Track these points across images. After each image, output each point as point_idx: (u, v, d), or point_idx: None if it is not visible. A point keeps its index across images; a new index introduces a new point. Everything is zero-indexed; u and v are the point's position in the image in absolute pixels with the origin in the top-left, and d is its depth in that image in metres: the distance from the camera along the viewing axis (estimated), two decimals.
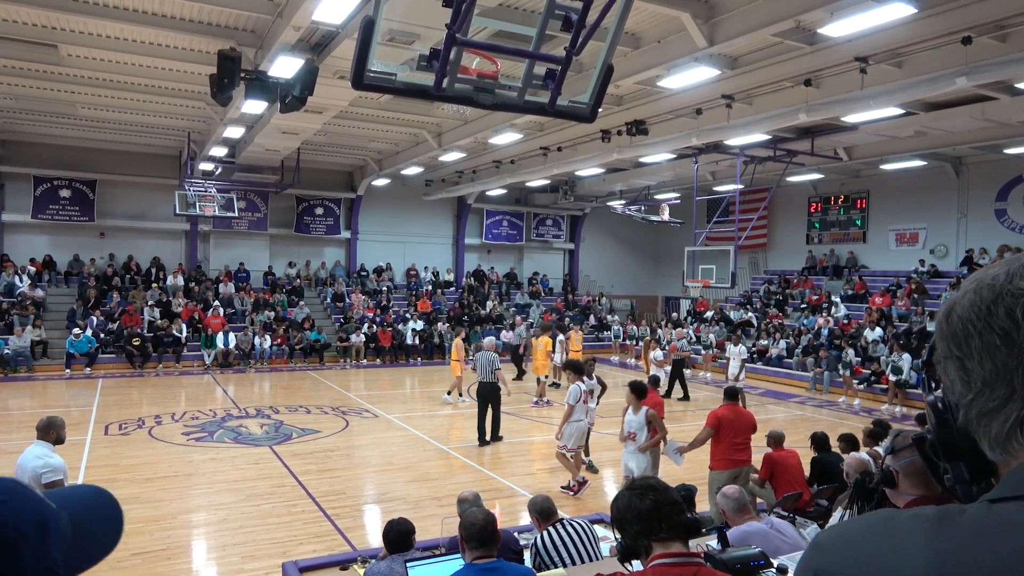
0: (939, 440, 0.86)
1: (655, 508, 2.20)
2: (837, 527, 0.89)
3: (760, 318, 23.13)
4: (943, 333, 0.83)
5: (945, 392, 0.85)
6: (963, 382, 0.81)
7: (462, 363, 15.20)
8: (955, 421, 0.83)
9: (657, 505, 2.20)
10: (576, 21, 3.40)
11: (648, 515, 2.20)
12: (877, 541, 0.77)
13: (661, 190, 25.02)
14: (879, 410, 15.60)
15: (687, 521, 2.24)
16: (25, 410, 14.52)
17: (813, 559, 0.82)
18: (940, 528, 0.73)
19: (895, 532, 0.77)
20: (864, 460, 5.51)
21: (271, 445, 11.26)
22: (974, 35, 9.47)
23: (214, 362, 20.16)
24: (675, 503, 2.25)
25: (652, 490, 2.25)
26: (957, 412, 0.83)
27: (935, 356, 0.86)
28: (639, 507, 2.21)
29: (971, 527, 0.72)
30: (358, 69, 3.46)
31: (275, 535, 7.36)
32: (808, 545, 0.86)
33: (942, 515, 0.75)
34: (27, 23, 11.73)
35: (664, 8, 9.88)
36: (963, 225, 20.67)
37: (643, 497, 2.23)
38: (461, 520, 3.53)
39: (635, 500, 2.23)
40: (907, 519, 0.78)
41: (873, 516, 0.82)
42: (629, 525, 2.24)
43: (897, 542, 0.75)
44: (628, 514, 2.24)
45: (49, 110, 17.86)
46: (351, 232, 26.61)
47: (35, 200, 21.78)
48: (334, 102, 13.78)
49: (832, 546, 0.82)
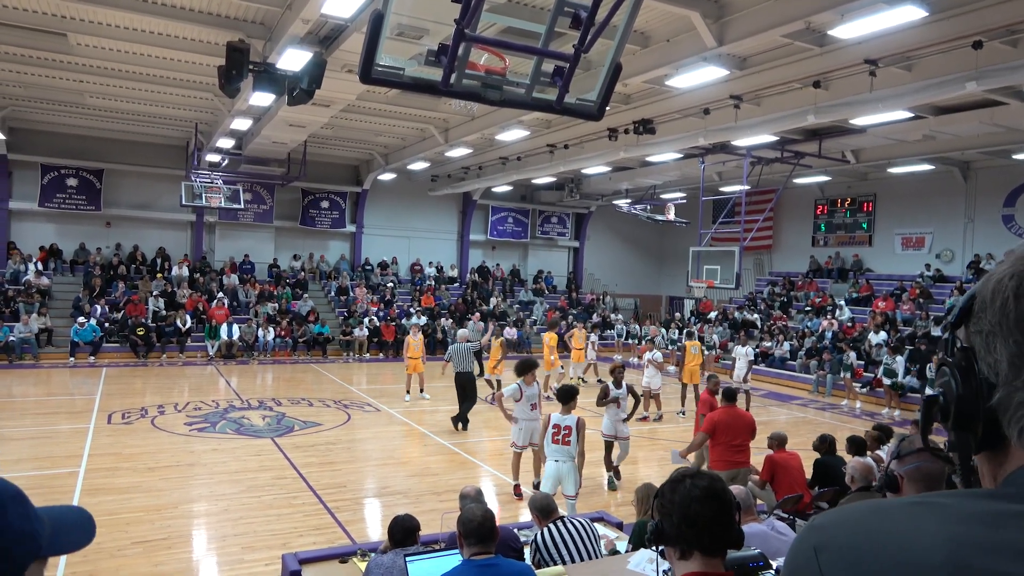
0: (958, 408, 0.82)
1: (714, 520, 1.97)
2: (833, 510, 0.87)
3: (764, 320, 23.10)
4: (1006, 309, 0.77)
5: (981, 366, 0.80)
6: (1012, 366, 0.76)
7: (423, 359, 14.93)
8: (986, 399, 0.79)
9: (717, 517, 1.97)
10: (585, 19, 3.39)
11: (706, 524, 1.96)
12: (876, 519, 0.76)
13: (667, 189, 24.98)
14: (880, 414, 15.57)
15: (736, 537, 2.01)
16: (29, 398, 14.59)
17: (811, 537, 0.80)
18: (954, 512, 0.72)
19: (895, 513, 0.76)
20: (869, 465, 5.50)
21: (273, 437, 11.29)
22: (985, 39, 9.42)
23: (217, 353, 20.21)
24: (733, 516, 2.01)
25: (718, 499, 1.99)
26: (992, 391, 0.78)
27: (977, 325, 0.81)
28: (699, 512, 1.96)
29: (988, 512, 0.71)
30: (366, 63, 3.46)
31: (275, 527, 7.38)
32: (804, 527, 0.84)
33: (954, 501, 0.74)
34: (37, 11, 11.75)
35: (674, 7, 9.85)
36: (970, 230, 20.59)
37: (706, 503, 1.98)
38: (459, 516, 3.53)
39: (696, 505, 1.97)
40: (908, 502, 0.77)
41: (867, 501, 0.81)
42: (678, 523, 1.99)
43: (900, 521, 0.74)
44: (683, 512, 1.99)
45: (57, 99, 17.90)
46: (356, 226, 26.63)
47: (42, 188, 21.84)
48: (342, 96, 13.79)
49: (830, 524, 0.80)
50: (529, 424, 8.72)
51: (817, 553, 0.78)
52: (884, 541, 0.73)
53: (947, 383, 0.84)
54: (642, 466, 10.52)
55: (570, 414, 7.34)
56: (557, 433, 7.27)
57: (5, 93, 17.69)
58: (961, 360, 0.83)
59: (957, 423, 0.82)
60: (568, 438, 7.24)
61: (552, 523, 4.70)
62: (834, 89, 12.03)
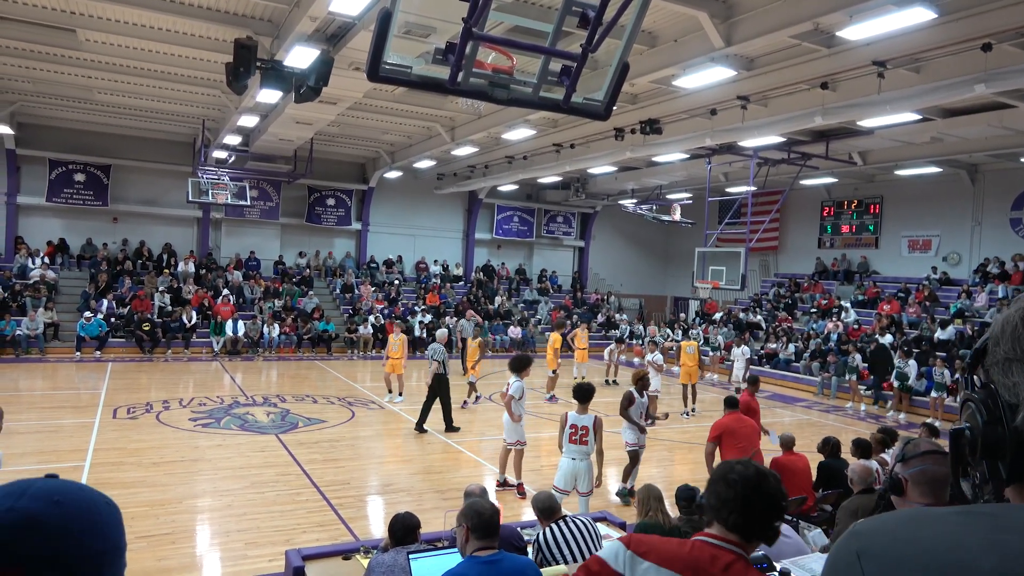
0: (985, 437, 0.85)
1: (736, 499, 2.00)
2: (875, 517, 0.88)
3: (769, 321, 23.05)
4: (1016, 334, 0.82)
5: (1002, 391, 0.85)
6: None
7: (403, 360, 14.72)
8: (1010, 421, 0.82)
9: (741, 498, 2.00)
10: (593, 18, 3.39)
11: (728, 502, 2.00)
12: (919, 527, 0.77)
13: (673, 190, 24.94)
14: (885, 417, 15.52)
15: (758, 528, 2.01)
16: (36, 391, 14.65)
17: (853, 543, 0.81)
18: (997, 521, 0.74)
19: (938, 521, 0.77)
20: (869, 467, 5.48)
21: (277, 433, 11.31)
22: (994, 42, 9.38)
23: (223, 349, 20.27)
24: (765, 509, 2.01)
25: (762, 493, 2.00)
26: (1015, 413, 0.82)
27: (992, 357, 0.86)
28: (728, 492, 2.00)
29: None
30: (374, 61, 3.46)
31: (279, 523, 7.40)
32: (845, 533, 0.85)
33: (993, 512, 0.76)
34: (46, 7, 11.80)
35: (682, 7, 9.82)
36: (977, 233, 20.50)
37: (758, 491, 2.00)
38: (465, 507, 3.51)
39: (746, 490, 1.99)
40: (950, 512, 0.78)
41: (909, 509, 0.83)
42: (717, 501, 2.03)
43: (944, 530, 0.75)
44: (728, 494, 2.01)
45: (65, 94, 17.97)
46: (362, 223, 26.67)
47: (50, 183, 21.93)
48: (348, 93, 13.81)
49: (873, 531, 0.81)
50: (523, 422, 8.89)
51: (860, 558, 0.79)
52: (929, 547, 0.74)
53: (972, 415, 0.88)
54: (642, 467, 10.49)
55: (587, 413, 7.36)
56: (575, 433, 7.29)
57: (14, 88, 17.77)
58: (982, 393, 0.87)
59: (986, 451, 0.85)
60: (585, 437, 7.28)
61: (555, 523, 4.70)
62: (842, 90, 11.99)
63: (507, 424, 8.88)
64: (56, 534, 0.92)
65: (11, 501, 0.92)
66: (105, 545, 0.97)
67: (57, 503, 0.94)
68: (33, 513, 0.91)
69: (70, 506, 0.95)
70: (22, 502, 0.92)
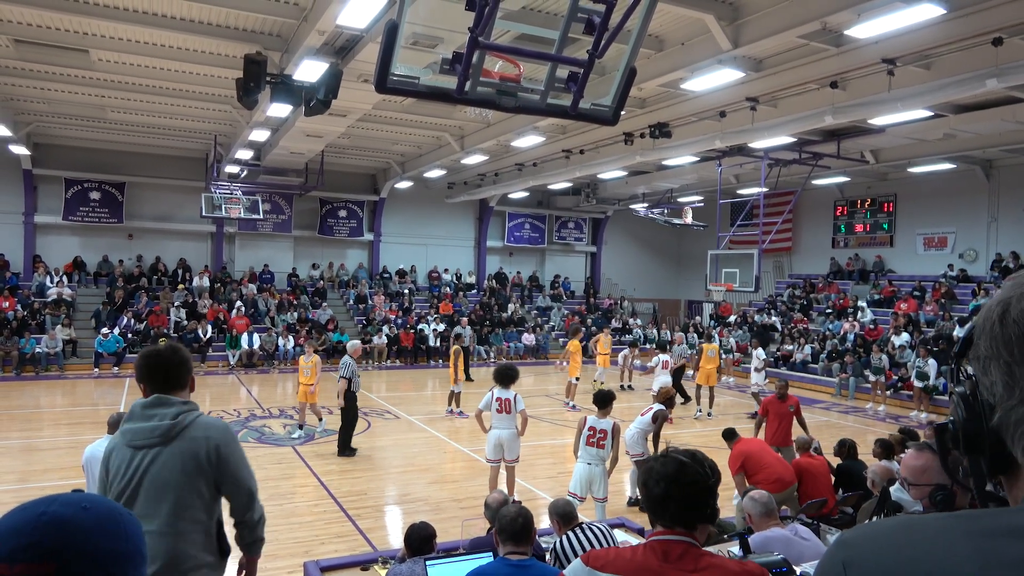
0: (965, 432, 0.85)
1: (664, 497, 2.18)
2: (861, 526, 0.89)
3: (785, 322, 22.89)
4: (993, 333, 0.81)
5: (981, 389, 0.84)
6: (1007, 386, 0.79)
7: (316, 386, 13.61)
8: (988, 420, 0.82)
9: (667, 495, 2.17)
10: (599, 24, 3.39)
11: (658, 501, 2.20)
12: (904, 535, 0.77)
13: (684, 193, 24.87)
14: (906, 417, 15.36)
15: (695, 515, 2.18)
16: (57, 408, 14.80)
17: (839, 552, 0.81)
18: (979, 527, 0.73)
19: (923, 529, 0.77)
20: (889, 468, 5.42)
21: (294, 445, 11.35)
22: (1005, 36, 9.30)
23: (238, 362, 20.39)
24: (692, 497, 2.18)
25: (684, 483, 2.18)
26: (992, 412, 0.82)
27: (975, 352, 0.85)
28: (654, 492, 2.19)
29: (1012, 527, 0.72)
30: (382, 72, 3.48)
31: (297, 534, 7.41)
32: (832, 542, 0.86)
33: (978, 516, 0.75)
34: (59, 28, 11.97)
35: (688, 10, 9.83)
36: (993, 229, 20.28)
37: (679, 483, 2.18)
38: (495, 511, 3.52)
39: (669, 487, 2.18)
40: (935, 519, 0.78)
41: (896, 517, 0.83)
42: (650, 503, 2.24)
43: (928, 537, 0.75)
44: (656, 494, 2.21)
45: (80, 114, 18.21)
46: (374, 234, 26.78)
47: (66, 202, 22.21)
48: (358, 105, 13.89)
49: (859, 540, 0.81)
50: (493, 433, 8.32)
51: (846, 569, 0.78)
52: (915, 556, 0.74)
53: (955, 409, 0.88)
54: None
55: (606, 418, 7.39)
56: (592, 436, 7.32)
57: (29, 109, 18.02)
58: (965, 387, 0.87)
59: (966, 447, 0.85)
60: (603, 441, 7.31)
61: (572, 530, 4.67)
62: (852, 89, 11.92)
63: (509, 438, 8.33)
64: (84, 535, 1.02)
65: (43, 507, 1.04)
66: (129, 547, 1.07)
67: (85, 508, 1.06)
68: (63, 516, 1.03)
69: (97, 511, 1.06)
70: (53, 507, 1.04)
